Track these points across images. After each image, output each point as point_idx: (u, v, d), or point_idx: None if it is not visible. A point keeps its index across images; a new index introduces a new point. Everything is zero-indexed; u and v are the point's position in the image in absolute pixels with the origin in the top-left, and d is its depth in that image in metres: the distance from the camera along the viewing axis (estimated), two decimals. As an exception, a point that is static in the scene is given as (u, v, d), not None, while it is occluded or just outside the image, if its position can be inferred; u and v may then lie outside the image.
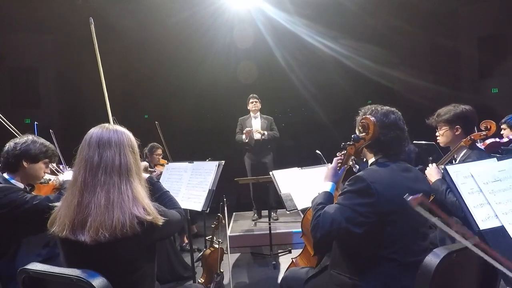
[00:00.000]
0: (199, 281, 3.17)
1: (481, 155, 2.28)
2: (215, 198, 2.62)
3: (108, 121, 1.80)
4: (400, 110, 1.75)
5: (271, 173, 3.07)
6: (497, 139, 3.03)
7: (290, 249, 4.34)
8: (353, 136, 1.69)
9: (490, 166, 1.24)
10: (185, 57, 7.38)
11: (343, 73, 7.60)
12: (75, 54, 7.45)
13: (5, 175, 2.07)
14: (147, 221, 1.36)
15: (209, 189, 2.61)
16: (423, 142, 3.50)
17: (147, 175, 1.78)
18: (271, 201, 5.07)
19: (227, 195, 3.28)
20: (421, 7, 6.99)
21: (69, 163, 2.68)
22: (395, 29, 7.28)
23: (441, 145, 2.51)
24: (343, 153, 1.81)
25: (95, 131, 1.46)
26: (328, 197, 1.70)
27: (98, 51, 2.43)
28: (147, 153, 4.80)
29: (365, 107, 1.76)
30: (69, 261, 1.44)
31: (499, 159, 1.27)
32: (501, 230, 1.10)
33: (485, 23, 7.34)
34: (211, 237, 3.40)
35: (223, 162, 2.74)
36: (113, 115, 2.55)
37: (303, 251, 2.50)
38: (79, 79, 7.66)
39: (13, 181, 2.05)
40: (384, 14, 7.00)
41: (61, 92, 7.83)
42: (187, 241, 4.46)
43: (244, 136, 5.14)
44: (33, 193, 2.21)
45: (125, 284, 1.40)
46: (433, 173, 2.30)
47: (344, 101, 7.56)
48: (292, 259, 2.56)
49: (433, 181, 2.28)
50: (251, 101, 5.26)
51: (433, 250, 1.30)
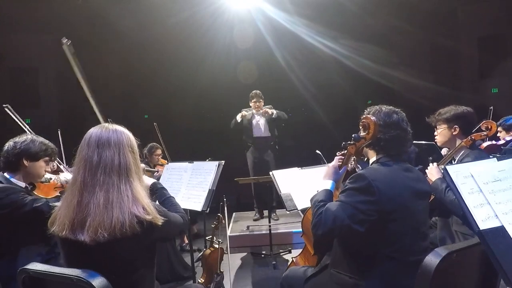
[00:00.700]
0: (199, 281, 3.17)
1: (480, 155, 2.30)
2: (215, 198, 2.62)
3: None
4: (400, 110, 1.75)
5: (271, 173, 3.06)
6: (494, 142, 3.04)
7: (290, 249, 4.34)
8: (353, 135, 1.70)
9: (490, 166, 1.24)
10: (185, 57, 7.37)
11: (343, 73, 7.59)
12: (75, 54, 7.44)
13: (6, 174, 2.07)
14: (146, 220, 1.36)
15: (209, 189, 2.61)
16: (423, 142, 3.50)
17: (151, 180, 1.76)
18: (272, 201, 5.07)
19: (227, 195, 3.28)
20: (421, 7, 6.99)
21: (69, 163, 2.68)
22: (395, 29, 7.28)
23: (438, 144, 2.53)
24: (343, 152, 1.81)
25: (94, 131, 1.46)
26: (328, 195, 1.70)
27: (77, 70, 2.38)
28: (147, 153, 4.79)
29: (370, 107, 1.76)
30: (69, 260, 1.44)
31: (499, 159, 1.27)
32: (501, 230, 1.10)
33: (485, 23, 7.34)
34: (211, 237, 3.41)
35: (223, 162, 2.74)
36: (113, 116, 2.54)
37: (303, 250, 2.51)
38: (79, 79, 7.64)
39: (14, 180, 2.06)
40: (384, 14, 7.00)
41: (61, 92, 7.82)
42: (187, 241, 4.46)
43: (238, 117, 5.08)
44: (34, 192, 2.21)
45: (125, 284, 1.40)
46: (433, 172, 2.32)
47: (344, 101, 7.56)
48: (292, 258, 2.56)
49: (433, 180, 2.29)
50: (254, 100, 5.13)
51: (433, 250, 1.30)
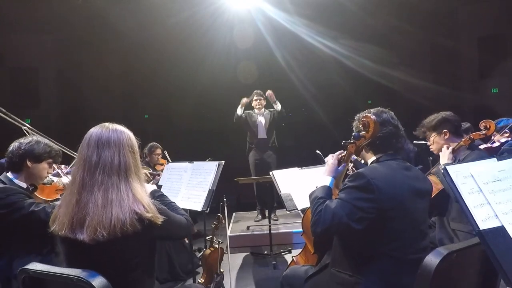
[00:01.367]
0: (199, 281, 3.17)
1: (480, 155, 2.31)
2: (215, 198, 2.62)
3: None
4: (400, 110, 1.78)
5: (271, 173, 3.06)
6: (489, 145, 3.04)
7: (290, 249, 4.34)
8: (353, 134, 1.71)
9: (490, 166, 1.24)
10: (185, 57, 7.37)
11: (343, 73, 7.59)
12: (75, 54, 7.45)
13: (9, 175, 2.08)
14: (147, 218, 1.36)
15: (209, 189, 2.61)
16: (423, 142, 3.50)
17: (151, 186, 1.75)
18: (272, 201, 5.07)
19: (227, 195, 3.28)
20: (421, 7, 6.99)
21: (69, 163, 2.68)
22: (395, 29, 7.28)
23: (435, 152, 2.54)
24: (343, 152, 1.81)
25: (94, 131, 1.46)
26: (327, 191, 1.70)
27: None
28: (146, 153, 4.80)
29: (358, 114, 1.80)
30: (69, 259, 1.44)
31: (499, 159, 1.27)
32: (501, 230, 1.10)
33: (485, 23, 7.34)
34: (211, 237, 3.41)
35: (223, 162, 2.74)
36: (113, 116, 2.54)
37: (303, 249, 2.51)
38: (79, 79, 7.65)
39: (16, 181, 2.07)
40: (384, 14, 7.00)
41: (61, 92, 7.83)
42: (187, 241, 4.46)
43: (239, 109, 5.11)
44: (36, 193, 2.22)
45: (125, 283, 1.39)
46: (445, 157, 2.35)
47: (344, 101, 7.56)
48: (292, 257, 2.57)
49: (441, 164, 2.32)
50: (255, 98, 5.19)
51: (433, 250, 1.30)
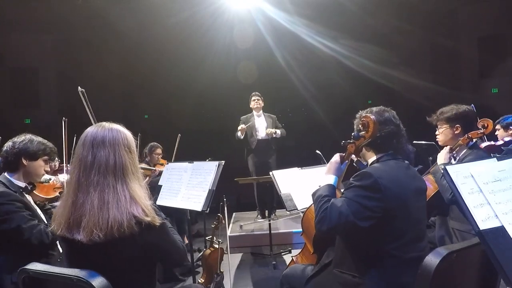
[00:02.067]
0: (199, 281, 3.17)
1: (480, 155, 2.30)
2: (215, 198, 2.61)
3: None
4: (400, 110, 1.78)
5: (271, 173, 3.06)
6: (492, 142, 3.03)
7: (290, 249, 4.34)
8: (353, 134, 1.71)
9: (490, 166, 1.24)
10: (185, 57, 7.37)
11: (343, 73, 7.59)
12: (75, 54, 7.45)
13: (7, 174, 2.08)
14: (145, 221, 1.33)
15: (209, 189, 2.61)
16: (423, 142, 3.50)
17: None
18: (272, 201, 5.07)
19: (227, 195, 3.28)
20: (421, 7, 7.00)
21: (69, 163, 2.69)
22: (395, 29, 7.28)
23: (440, 143, 2.53)
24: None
25: (90, 130, 1.44)
26: (332, 190, 1.70)
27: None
28: (147, 153, 4.80)
29: (361, 111, 1.81)
30: (69, 259, 1.44)
31: (499, 159, 1.27)
32: (501, 230, 1.10)
33: (485, 23, 7.34)
34: (211, 237, 3.41)
35: (223, 162, 2.73)
36: (113, 115, 2.54)
37: (303, 249, 2.51)
38: (79, 79, 7.64)
39: (13, 180, 2.06)
40: (384, 14, 7.00)
41: (61, 92, 7.83)
42: (187, 241, 4.46)
43: (239, 133, 5.03)
44: (34, 192, 2.22)
45: (124, 283, 1.38)
46: (442, 157, 2.35)
47: (344, 101, 7.55)
48: (292, 257, 2.56)
49: (438, 164, 2.32)
50: (253, 98, 5.17)
51: (434, 250, 1.30)
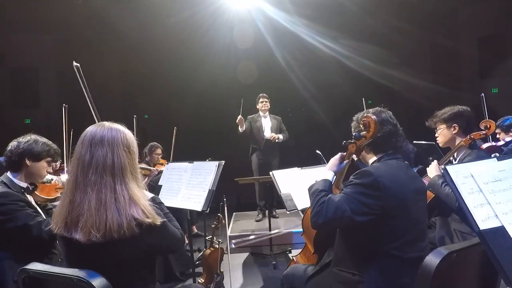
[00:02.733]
0: (199, 281, 3.17)
1: (480, 155, 2.31)
2: (215, 198, 2.62)
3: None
4: (400, 110, 1.79)
5: (271, 173, 3.06)
6: (494, 143, 3.04)
7: (290, 249, 4.34)
8: (354, 134, 1.71)
9: (490, 166, 1.24)
10: (185, 57, 7.37)
11: (343, 73, 7.59)
12: (75, 54, 7.44)
13: (9, 175, 2.08)
14: (146, 223, 1.33)
15: (209, 189, 2.61)
16: (423, 142, 3.50)
17: (148, 194, 1.68)
18: (272, 200, 5.08)
19: (227, 195, 3.28)
20: (421, 7, 6.99)
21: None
22: (395, 29, 7.27)
23: (440, 145, 2.55)
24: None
25: (90, 129, 1.43)
26: (328, 185, 1.70)
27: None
28: (147, 152, 4.81)
29: (358, 113, 1.82)
30: (68, 258, 1.44)
31: (499, 159, 1.27)
32: (501, 230, 1.10)
33: (485, 23, 7.33)
34: (211, 237, 3.41)
35: (223, 162, 2.74)
36: (113, 116, 2.53)
37: (303, 249, 2.51)
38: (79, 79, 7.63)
39: (16, 180, 2.06)
40: (384, 14, 7.00)
41: (61, 92, 7.82)
42: (187, 241, 4.46)
43: (239, 126, 5.05)
44: (36, 192, 2.22)
45: (124, 284, 1.38)
46: (433, 170, 2.36)
47: (344, 101, 7.54)
48: (292, 257, 2.57)
49: (431, 177, 2.31)
50: (261, 100, 5.23)
51: (434, 250, 1.30)
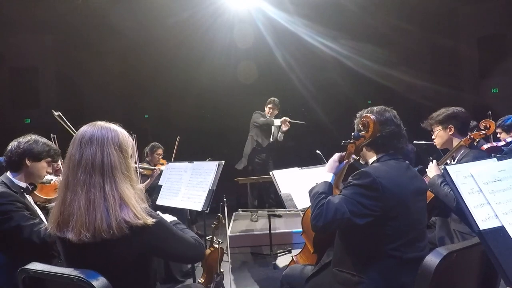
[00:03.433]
0: (199, 281, 3.17)
1: (479, 154, 2.31)
2: (215, 198, 2.62)
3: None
4: (400, 110, 1.78)
5: (271, 173, 3.07)
6: (494, 143, 3.04)
7: (290, 249, 4.34)
8: (353, 133, 1.71)
9: (490, 166, 1.24)
10: (185, 57, 7.37)
11: (343, 73, 7.59)
12: (75, 54, 7.45)
13: (9, 175, 2.08)
14: (136, 224, 1.29)
15: (209, 189, 2.61)
16: (423, 142, 3.50)
17: (169, 217, 1.62)
18: (269, 198, 5.09)
19: (227, 195, 3.28)
20: (421, 7, 6.99)
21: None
22: (395, 29, 7.27)
23: (438, 147, 2.56)
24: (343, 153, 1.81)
25: (82, 129, 1.41)
26: (328, 187, 1.70)
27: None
28: (148, 152, 4.82)
29: (362, 110, 1.81)
30: (65, 258, 1.44)
31: (499, 159, 1.27)
32: (501, 230, 1.10)
33: (485, 23, 7.33)
34: (211, 237, 3.40)
35: (223, 162, 2.74)
36: (113, 115, 2.53)
37: (303, 249, 2.51)
38: (79, 79, 7.65)
39: (15, 180, 2.06)
40: (384, 14, 7.00)
41: (61, 92, 7.82)
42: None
43: (280, 124, 5.13)
44: (35, 192, 2.22)
45: (120, 284, 1.35)
46: (432, 170, 2.37)
47: (344, 101, 7.55)
48: (292, 257, 2.57)
49: (431, 177, 2.31)
50: (269, 106, 5.28)
51: (434, 250, 1.30)
